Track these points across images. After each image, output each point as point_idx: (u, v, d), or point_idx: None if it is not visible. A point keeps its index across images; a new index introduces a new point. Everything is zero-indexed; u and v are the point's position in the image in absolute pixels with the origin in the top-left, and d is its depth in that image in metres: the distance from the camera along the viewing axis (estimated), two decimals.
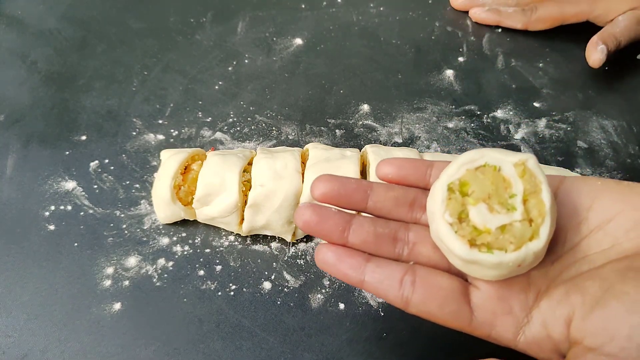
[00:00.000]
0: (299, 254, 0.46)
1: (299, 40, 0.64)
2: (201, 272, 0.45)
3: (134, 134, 0.54)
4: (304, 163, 0.46)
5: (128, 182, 0.50)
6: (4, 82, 0.58)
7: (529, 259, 0.28)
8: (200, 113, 0.56)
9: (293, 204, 0.43)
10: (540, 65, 0.63)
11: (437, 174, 0.32)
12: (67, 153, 0.52)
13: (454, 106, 0.58)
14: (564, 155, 0.54)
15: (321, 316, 0.43)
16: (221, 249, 0.46)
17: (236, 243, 0.47)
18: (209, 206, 0.44)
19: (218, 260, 0.46)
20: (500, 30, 0.66)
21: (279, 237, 0.47)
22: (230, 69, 0.61)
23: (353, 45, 0.64)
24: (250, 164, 0.46)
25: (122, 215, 0.48)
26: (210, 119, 0.56)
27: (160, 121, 0.55)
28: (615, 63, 0.61)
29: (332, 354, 0.41)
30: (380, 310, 0.43)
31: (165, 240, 0.47)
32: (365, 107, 0.58)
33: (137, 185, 0.50)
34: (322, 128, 0.56)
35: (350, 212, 0.32)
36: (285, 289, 0.44)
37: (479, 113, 0.57)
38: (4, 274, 0.44)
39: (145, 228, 0.47)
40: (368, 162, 0.45)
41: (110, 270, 0.45)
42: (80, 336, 0.41)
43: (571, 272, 0.30)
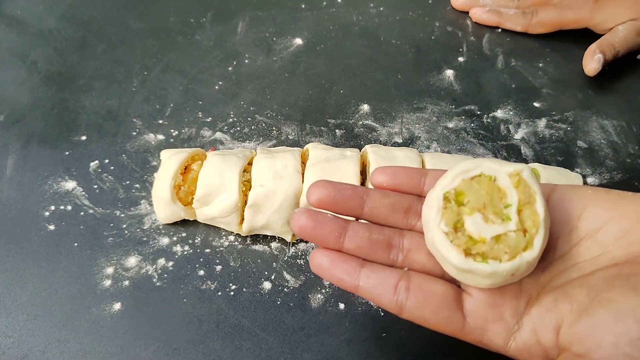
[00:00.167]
0: (299, 254, 0.46)
1: (299, 40, 0.64)
2: (201, 272, 0.45)
3: (134, 134, 0.54)
4: (304, 163, 0.46)
5: (128, 182, 0.50)
6: (4, 82, 0.58)
7: (522, 269, 0.28)
8: (200, 113, 0.56)
9: (293, 204, 0.43)
10: (540, 65, 0.63)
11: (431, 182, 0.33)
12: (67, 153, 0.52)
13: (454, 106, 0.58)
14: (564, 155, 0.54)
15: (321, 316, 0.43)
16: (221, 249, 0.46)
17: (236, 243, 0.47)
18: (209, 206, 0.44)
19: (218, 260, 0.46)
20: (500, 30, 0.66)
21: (279, 237, 0.47)
22: (230, 69, 0.61)
23: (353, 45, 0.64)
24: (250, 164, 0.46)
25: (122, 215, 0.48)
26: (210, 119, 0.56)
27: (160, 121, 0.55)
28: (615, 63, 0.61)
29: (332, 353, 0.41)
30: (379, 311, 0.43)
31: (165, 240, 0.47)
32: (365, 107, 0.58)
33: (137, 185, 0.50)
34: (322, 128, 0.56)
35: (346, 218, 0.32)
36: (285, 289, 0.44)
37: (479, 113, 0.57)
38: (4, 274, 0.45)
39: (145, 228, 0.47)
40: (368, 162, 0.45)
41: (110, 270, 0.45)
42: (80, 336, 0.41)
43: (561, 280, 0.30)
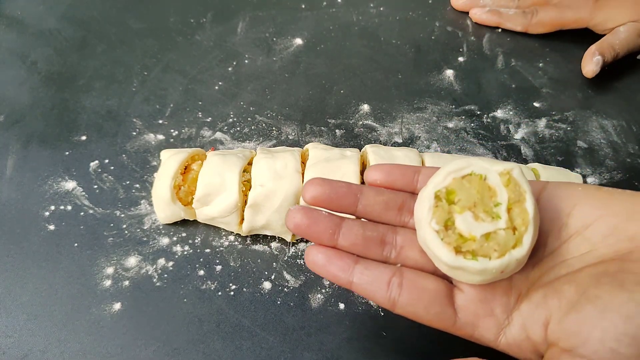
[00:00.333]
0: (299, 254, 0.46)
1: (299, 40, 0.64)
2: (201, 272, 0.45)
3: (134, 134, 0.54)
4: (304, 163, 0.46)
5: (128, 182, 0.50)
6: (4, 83, 0.58)
7: (511, 266, 0.29)
8: (200, 113, 0.56)
9: (293, 204, 0.43)
10: (540, 65, 0.63)
11: (424, 179, 0.33)
12: (67, 153, 0.52)
13: (454, 106, 0.58)
14: (563, 155, 0.54)
15: (321, 315, 0.43)
16: (221, 249, 0.46)
17: (236, 243, 0.47)
18: (209, 206, 0.44)
19: (218, 260, 0.46)
20: (500, 30, 0.66)
21: (279, 237, 0.47)
22: (230, 69, 0.61)
23: (353, 45, 0.64)
24: (250, 164, 0.46)
25: (122, 215, 0.48)
26: (210, 119, 0.56)
27: (160, 121, 0.55)
28: (615, 63, 0.61)
29: (332, 352, 0.41)
30: (379, 310, 0.43)
31: (165, 240, 0.47)
32: (365, 107, 0.58)
33: (137, 185, 0.50)
34: (322, 128, 0.56)
35: (341, 215, 0.33)
36: (285, 289, 0.44)
37: (479, 113, 0.57)
38: (4, 274, 0.44)
39: (145, 228, 0.47)
40: (368, 162, 0.45)
41: (110, 270, 0.45)
42: (80, 336, 0.41)
43: (550, 276, 0.30)
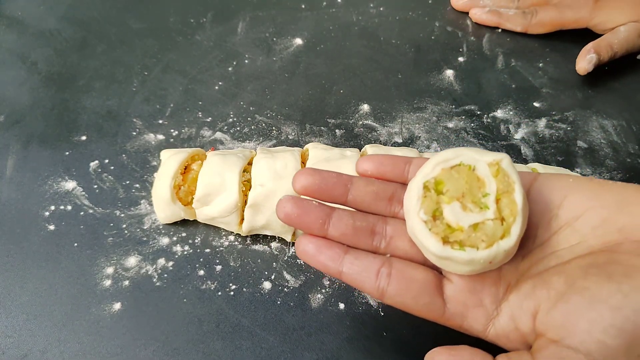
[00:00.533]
0: None
1: (299, 40, 0.64)
2: (201, 272, 0.45)
3: (134, 134, 0.54)
4: (304, 163, 0.46)
5: (128, 182, 0.50)
6: (4, 83, 0.58)
7: (499, 257, 0.29)
8: (200, 113, 0.56)
9: None
10: (540, 65, 0.63)
11: (415, 170, 0.33)
12: (67, 153, 0.52)
13: (454, 106, 0.58)
14: (564, 155, 0.54)
15: (321, 315, 0.43)
16: (221, 249, 0.46)
17: (236, 243, 0.47)
18: (209, 206, 0.44)
19: (218, 260, 0.46)
20: (500, 30, 0.66)
21: (279, 237, 0.47)
22: (230, 69, 0.61)
23: (353, 45, 0.64)
24: (250, 164, 0.46)
25: (122, 215, 0.48)
26: (210, 119, 0.56)
27: (160, 121, 0.55)
28: (615, 63, 0.61)
29: (332, 352, 0.41)
30: (380, 310, 0.43)
31: (165, 240, 0.47)
32: (365, 107, 0.58)
33: (137, 185, 0.50)
34: (322, 128, 0.56)
35: (331, 205, 0.33)
36: (285, 289, 0.44)
37: (479, 113, 0.57)
38: (4, 274, 0.44)
39: (145, 228, 0.47)
40: None
41: (110, 270, 0.45)
42: (80, 336, 0.41)
43: (540, 267, 0.30)
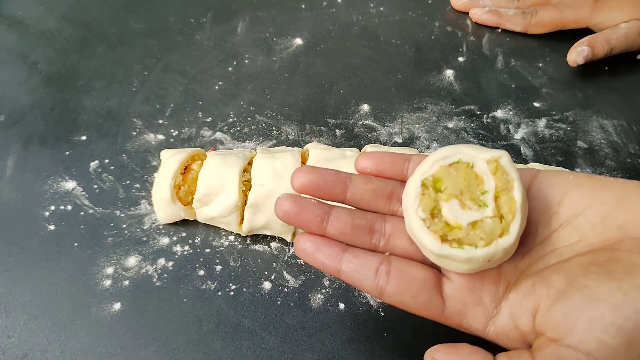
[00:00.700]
0: None
1: (299, 40, 0.64)
2: (201, 272, 0.45)
3: (134, 134, 0.54)
4: (304, 163, 0.46)
5: (128, 182, 0.50)
6: (4, 83, 0.58)
7: (498, 255, 0.28)
8: (200, 113, 0.56)
9: None
10: (540, 65, 0.63)
11: (414, 167, 0.33)
12: (67, 153, 0.52)
13: (454, 106, 0.58)
14: (564, 155, 0.54)
15: (321, 316, 0.43)
16: (221, 249, 0.46)
17: (236, 243, 0.47)
18: (209, 206, 0.44)
19: (218, 260, 0.46)
20: (500, 30, 0.66)
21: (279, 237, 0.47)
22: (230, 69, 0.61)
23: (353, 45, 0.64)
24: (250, 164, 0.46)
25: (122, 215, 0.48)
26: (210, 119, 0.56)
27: (160, 121, 0.55)
28: (615, 63, 0.61)
29: (333, 353, 0.41)
30: (380, 310, 0.43)
31: (165, 240, 0.47)
32: (365, 107, 0.58)
33: (137, 185, 0.50)
34: (322, 128, 0.56)
35: (329, 203, 0.33)
36: (285, 289, 0.44)
37: (478, 113, 0.57)
38: (4, 274, 0.44)
39: (145, 228, 0.47)
40: None
41: (110, 270, 0.45)
42: (80, 336, 0.41)
43: (540, 265, 0.30)
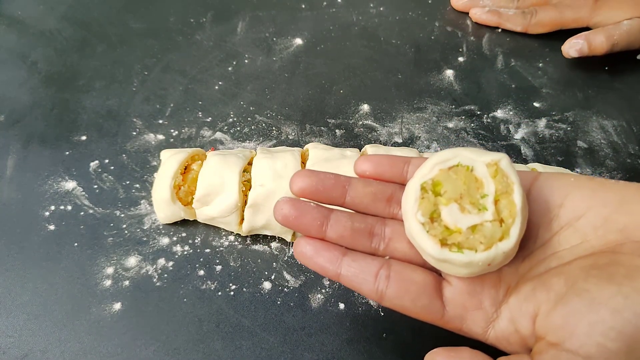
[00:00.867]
0: None
1: (299, 40, 0.64)
2: (201, 272, 0.45)
3: (134, 134, 0.54)
4: (304, 163, 0.46)
5: (128, 182, 0.50)
6: (4, 83, 0.58)
7: (498, 259, 0.28)
8: (200, 113, 0.56)
9: None
10: (540, 65, 0.63)
11: (414, 170, 0.32)
12: (67, 153, 0.52)
13: (454, 106, 0.58)
14: (564, 155, 0.54)
15: (321, 316, 0.43)
16: (221, 249, 0.46)
17: (236, 243, 0.47)
18: (209, 206, 0.44)
19: (218, 260, 0.46)
20: (500, 30, 0.66)
21: (279, 237, 0.47)
22: (230, 69, 0.61)
23: (353, 45, 0.64)
24: (250, 164, 0.46)
25: (122, 215, 0.48)
26: (210, 119, 0.56)
27: (160, 121, 0.55)
28: (615, 63, 0.61)
29: (333, 353, 0.41)
30: (380, 311, 0.43)
31: (165, 240, 0.47)
32: (365, 107, 0.58)
33: (137, 185, 0.50)
34: (322, 128, 0.56)
35: (329, 207, 0.33)
36: (285, 289, 0.44)
37: (479, 113, 0.57)
38: (4, 274, 0.45)
39: (145, 228, 0.47)
40: None
41: (110, 270, 0.45)
42: (80, 336, 0.41)
43: (540, 269, 0.30)
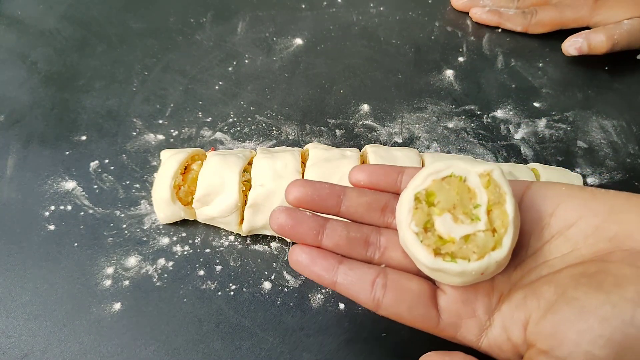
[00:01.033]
0: None
1: (299, 40, 0.64)
2: (201, 272, 0.45)
3: (134, 134, 0.54)
4: (304, 163, 0.46)
5: (128, 182, 0.50)
6: (4, 83, 0.58)
7: (491, 268, 0.29)
8: (200, 113, 0.56)
9: None
10: (540, 65, 0.63)
11: (407, 180, 0.33)
12: (67, 153, 0.52)
13: (454, 106, 0.58)
14: (564, 155, 0.54)
15: (320, 316, 0.43)
16: (221, 249, 0.46)
17: (236, 243, 0.47)
18: (209, 206, 0.44)
19: (218, 260, 0.46)
20: (500, 30, 0.66)
21: (279, 237, 0.47)
22: (230, 69, 0.61)
23: (353, 45, 0.64)
24: (250, 164, 0.46)
25: (122, 215, 0.48)
26: (210, 119, 0.56)
27: (160, 121, 0.55)
28: (615, 63, 0.61)
29: (331, 354, 0.41)
30: None
31: (165, 240, 0.47)
32: (365, 107, 0.58)
33: (137, 185, 0.50)
34: (322, 128, 0.56)
35: (324, 216, 0.33)
36: (285, 289, 0.44)
37: (479, 113, 0.57)
38: (4, 274, 0.45)
39: (145, 228, 0.47)
40: (368, 162, 0.45)
41: (110, 270, 0.45)
42: (80, 336, 0.41)
43: (532, 277, 0.30)
